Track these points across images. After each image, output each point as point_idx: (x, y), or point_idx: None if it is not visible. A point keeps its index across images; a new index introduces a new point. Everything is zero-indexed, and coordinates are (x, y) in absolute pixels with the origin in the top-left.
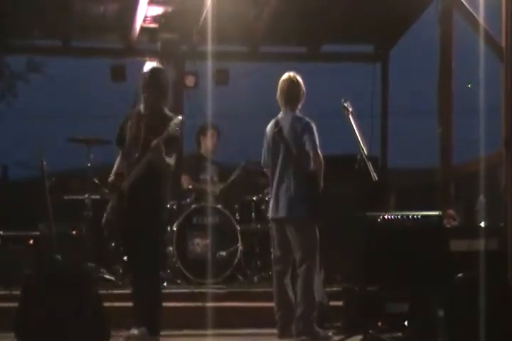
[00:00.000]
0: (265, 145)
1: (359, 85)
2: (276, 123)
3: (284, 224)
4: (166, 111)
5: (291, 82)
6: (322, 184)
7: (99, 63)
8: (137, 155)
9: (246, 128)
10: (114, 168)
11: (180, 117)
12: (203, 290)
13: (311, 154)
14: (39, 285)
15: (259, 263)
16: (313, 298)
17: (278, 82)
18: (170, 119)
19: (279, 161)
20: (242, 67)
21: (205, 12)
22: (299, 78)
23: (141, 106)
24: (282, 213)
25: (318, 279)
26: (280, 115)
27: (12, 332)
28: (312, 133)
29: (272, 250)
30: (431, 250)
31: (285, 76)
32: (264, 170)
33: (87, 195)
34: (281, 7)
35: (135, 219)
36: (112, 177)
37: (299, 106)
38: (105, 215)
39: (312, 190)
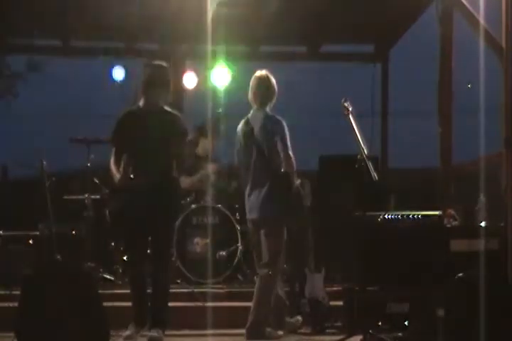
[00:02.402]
0: (237, 145)
1: (359, 85)
2: (247, 123)
3: (258, 225)
4: (166, 107)
5: (263, 80)
6: (296, 184)
7: (99, 63)
8: (149, 151)
9: None
10: (113, 166)
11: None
12: (203, 290)
13: (282, 155)
14: (39, 285)
15: None
16: (268, 311)
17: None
18: (171, 115)
19: (252, 161)
20: (242, 67)
21: (205, 12)
22: (271, 76)
23: (141, 102)
24: (254, 214)
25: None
26: (251, 114)
27: (12, 332)
28: (283, 134)
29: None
30: (431, 250)
31: (257, 74)
32: (240, 170)
33: (87, 195)
34: (281, 7)
35: (157, 213)
36: (119, 176)
37: (271, 105)
38: (112, 207)
39: (282, 191)
